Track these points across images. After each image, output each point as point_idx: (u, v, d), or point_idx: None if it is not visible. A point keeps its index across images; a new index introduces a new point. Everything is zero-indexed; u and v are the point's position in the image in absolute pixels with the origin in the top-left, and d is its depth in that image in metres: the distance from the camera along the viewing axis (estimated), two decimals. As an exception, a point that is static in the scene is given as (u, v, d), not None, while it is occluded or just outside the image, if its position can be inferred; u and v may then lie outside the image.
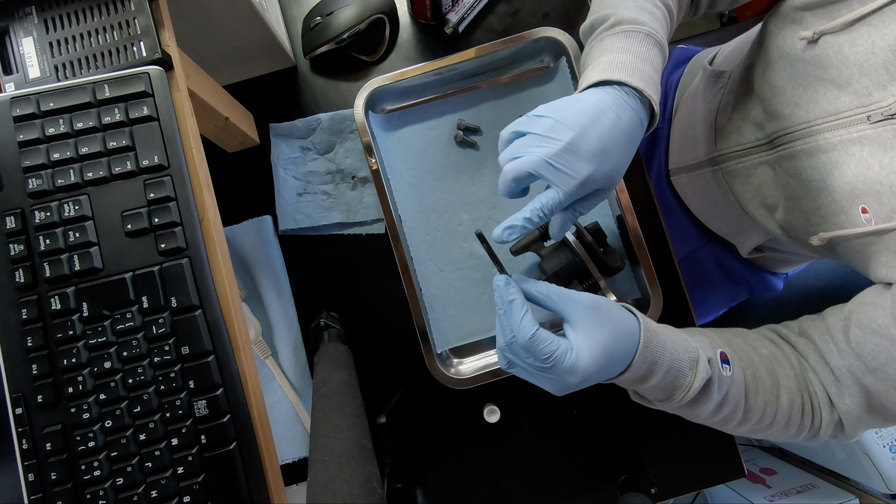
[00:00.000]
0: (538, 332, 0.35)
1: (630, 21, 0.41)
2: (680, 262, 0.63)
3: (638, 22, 0.41)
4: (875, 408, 0.39)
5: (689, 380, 0.38)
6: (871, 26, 0.36)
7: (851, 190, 0.39)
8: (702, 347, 0.39)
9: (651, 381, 0.38)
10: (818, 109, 0.41)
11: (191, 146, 0.38)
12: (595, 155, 0.36)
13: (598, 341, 0.35)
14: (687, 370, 0.38)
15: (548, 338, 0.35)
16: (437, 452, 0.61)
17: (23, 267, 0.35)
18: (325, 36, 0.61)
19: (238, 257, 0.62)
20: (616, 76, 0.38)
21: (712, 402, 0.39)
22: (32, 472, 0.33)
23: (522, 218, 0.36)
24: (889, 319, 0.36)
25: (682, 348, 0.38)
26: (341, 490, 0.38)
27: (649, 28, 0.41)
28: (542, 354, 0.34)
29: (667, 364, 0.37)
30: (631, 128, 0.38)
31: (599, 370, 0.35)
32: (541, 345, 0.34)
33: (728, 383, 0.39)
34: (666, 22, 0.44)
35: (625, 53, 0.39)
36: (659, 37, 0.41)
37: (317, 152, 0.63)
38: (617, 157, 0.37)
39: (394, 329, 0.61)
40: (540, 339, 0.34)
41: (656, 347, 0.37)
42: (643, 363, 0.37)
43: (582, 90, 0.40)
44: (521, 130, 0.37)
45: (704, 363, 0.38)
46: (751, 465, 1.12)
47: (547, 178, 0.36)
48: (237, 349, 0.36)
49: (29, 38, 0.38)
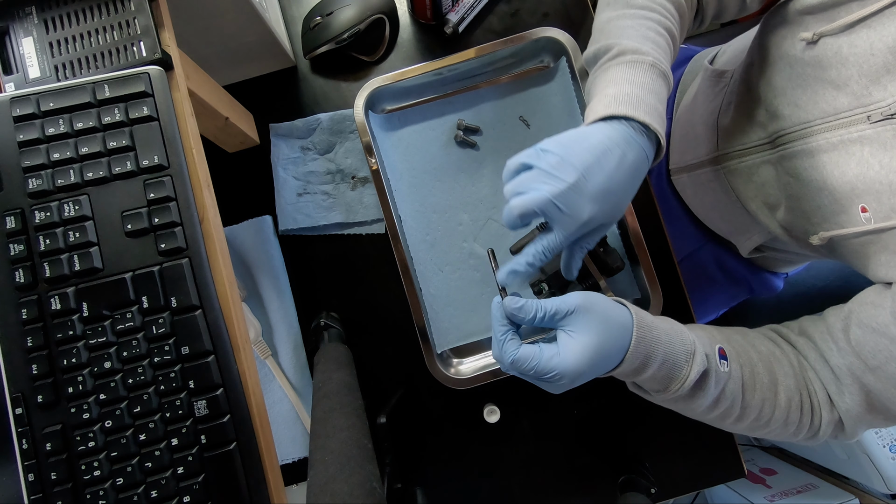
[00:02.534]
0: (519, 353, 0.37)
1: (633, 51, 0.41)
2: (680, 262, 0.63)
3: (641, 52, 0.41)
4: (875, 407, 0.39)
5: (685, 371, 0.38)
6: (871, 28, 0.37)
7: (851, 189, 0.39)
8: (699, 341, 0.40)
9: (646, 372, 0.38)
10: (818, 110, 0.41)
11: (191, 146, 0.38)
12: (598, 196, 0.36)
13: (587, 344, 0.36)
14: (682, 362, 0.38)
15: (529, 356, 0.36)
16: (437, 452, 0.61)
17: (23, 267, 0.35)
18: (325, 36, 0.61)
19: (238, 257, 0.62)
20: (622, 111, 0.38)
21: (709, 396, 0.39)
22: (32, 472, 0.33)
23: (525, 263, 0.38)
24: (889, 318, 0.36)
25: (678, 341, 0.38)
26: (341, 490, 0.38)
27: (653, 58, 0.41)
28: (527, 371, 0.36)
29: (661, 357, 0.38)
30: (636, 164, 0.38)
31: (589, 369, 0.36)
32: (523, 364, 0.36)
33: (725, 379, 0.39)
34: (669, 49, 0.44)
35: (630, 85, 0.39)
36: (663, 67, 0.41)
37: (317, 152, 0.63)
38: (620, 196, 0.38)
39: (394, 329, 0.61)
40: (521, 359, 0.36)
41: (650, 342, 0.38)
42: (636, 357, 0.37)
43: (588, 124, 0.40)
44: (529, 163, 0.38)
45: (701, 356, 0.38)
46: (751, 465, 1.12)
47: (550, 217, 0.37)
48: (237, 349, 0.36)
49: (29, 38, 0.38)
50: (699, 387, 0.39)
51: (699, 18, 0.51)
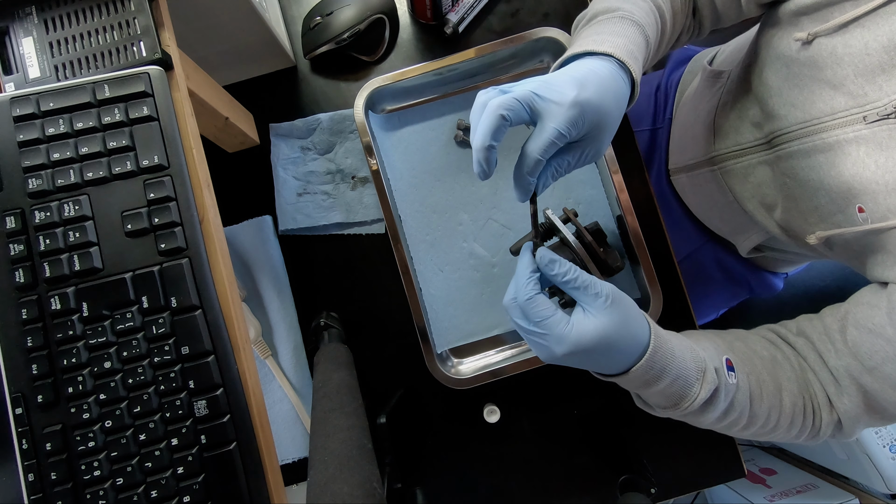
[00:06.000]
0: (537, 296, 0.36)
1: (605, 10, 0.43)
2: (680, 262, 0.63)
3: (612, 10, 0.42)
4: (873, 407, 0.39)
5: (696, 390, 0.37)
6: (865, 27, 0.36)
7: (848, 189, 0.39)
8: (708, 357, 0.39)
9: (656, 386, 0.37)
10: (814, 110, 0.41)
11: (191, 146, 0.38)
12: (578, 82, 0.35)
13: (600, 329, 0.35)
14: (693, 381, 0.38)
15: (545, 303, 0.36)
16: (437, 452, 0.61)
17: (23, 267, 0.35)
18: (325, 36, 0.61)
19: (238, 257, 0.62)
20: (584, 48, 0.39)
21: (718, 409, 0.39)
22: (32, 472, 0.33)
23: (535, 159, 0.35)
24: (885, 319, 0.36)
25: (689, 357, 0.38)
26: (341, 490, 0.38)
27: (623, 12, 0.42)
28: (535, 317, 0.36)
29: (674, 373, 0.37)
30: (611, 79, 0.37)
31: (589, 352, 0.35)
32: (534, 309, 0.36)
33: (734, 391, 0.39)
34: (653, 14, 0.44)
35: (596, 35, 0.40)
36: (636, 18, 0.41)
37: (317, 152, 0.63)
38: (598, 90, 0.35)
39: (394, 329, 0.61)
40: (536, 304, 0.36)
41: (665, 354, 0.37)
42: (650, 367, 0.37)
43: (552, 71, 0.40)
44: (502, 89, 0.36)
45: (712, 373, 0.38)
46: (751, 465, 1.12)
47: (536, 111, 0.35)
48: (237, 349, 0.36)
49: (29, 38, 0.38)
50: (710, 402, 0.38)
51: (697, 24, 0.50)
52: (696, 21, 0.50)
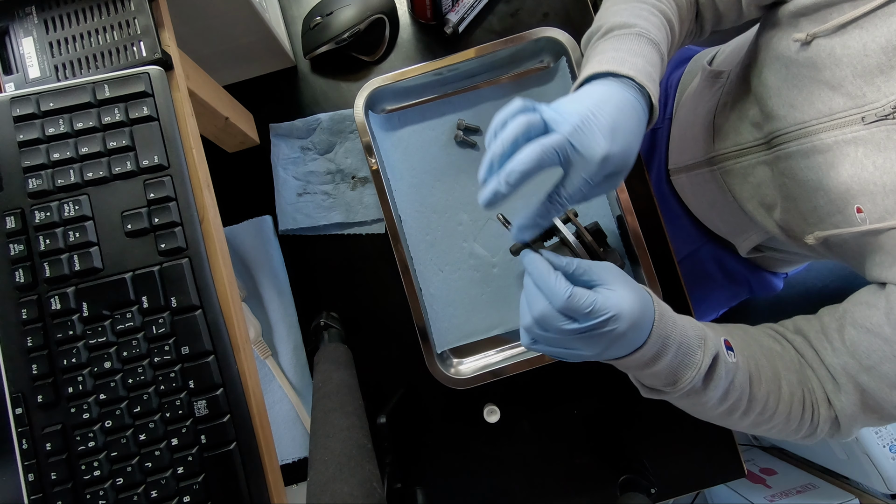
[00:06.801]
0: (574, 289, 0.34)
1: (621, 26, 0.42)
2: (680, 262, 0.63)
3: (628, 25, 0.42)
4: (870, 406, 0.39)
5: (700, 357, 0.37)
6: (863, 29, 0.37)
7: (847, 190, 0.39)
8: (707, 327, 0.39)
9: (662, 361, 0.37)
10: (813, 110, 0.41)
11: (191, 146, 0.38)
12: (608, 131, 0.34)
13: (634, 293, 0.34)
14: (696, 347, 0.37)
15: (584, 292, 0.34)
16: (437, 452, 0.61)
17: (23, 267, 0.35)
18: (325, 36, 0.61)
19: (238, 257, 0.62)
20: (605, 69, 0.38)
21: (720, 387, 0.38)
22: (32, 472, 0.33)
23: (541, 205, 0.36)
24: (883, 319, 0.36)
25: (689, 325, 0.38)
26: (341, 490, 0.38)
27: (640, 29, 0.41)
28: (584, 308, 0.33)
29: (678, 340, 0.37)
30: (633, 110, 0.37)
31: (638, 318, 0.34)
32: (580, 299, 0.33)
33: (734, 370, 0.39)
34: (664, 28, 0.44)
35: (615, 52, 0.40)
36: (651, 36, 0.41)
37: (317, 152, 0.63)
38: (626, 137, 0.36)
39: (394, 329, 0.61)
40: (578, 294, 0.33)
41: (668, 322, 0.37)
42: (658, 339, 0.36)
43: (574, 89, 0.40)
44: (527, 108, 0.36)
45: (712, 339, 0.38)
46: (751, 465, 1.12)
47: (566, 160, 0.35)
48: (237, 349, 0.36)
49: (29, 38, 0.38)
50: (710, 377, 0.38)
51: (698, 26, 0.51)
52: (697, 24, 0.50)
